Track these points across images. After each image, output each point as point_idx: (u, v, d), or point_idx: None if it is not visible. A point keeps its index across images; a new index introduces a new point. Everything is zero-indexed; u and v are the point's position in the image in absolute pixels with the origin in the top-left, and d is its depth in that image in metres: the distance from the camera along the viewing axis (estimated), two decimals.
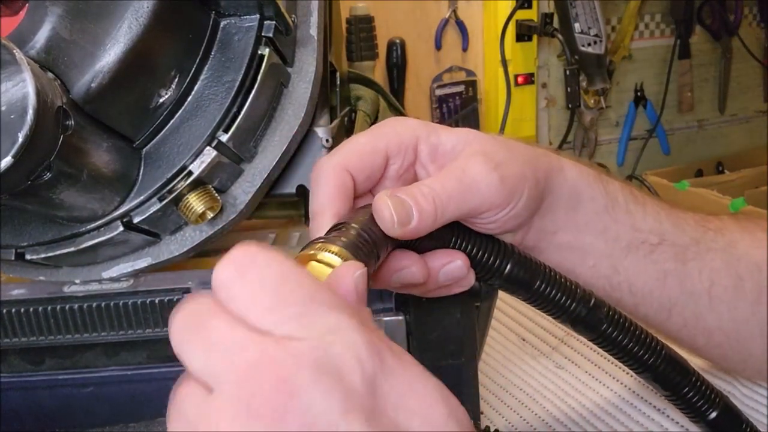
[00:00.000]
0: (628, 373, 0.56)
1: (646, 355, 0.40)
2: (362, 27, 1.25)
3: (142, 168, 0.42)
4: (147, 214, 0.42)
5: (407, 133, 0.39)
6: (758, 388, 0.52)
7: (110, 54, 0.38)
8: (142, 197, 0.42)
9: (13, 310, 0.41)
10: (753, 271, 0.45)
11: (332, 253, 0.30)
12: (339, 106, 0.56)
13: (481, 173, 0.37)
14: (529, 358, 0.60)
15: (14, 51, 0.33)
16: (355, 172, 0.38)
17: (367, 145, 0.39)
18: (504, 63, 1.34)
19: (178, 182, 0.42)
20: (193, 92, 0.43)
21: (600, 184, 0.43)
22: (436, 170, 0.39)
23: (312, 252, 0.31)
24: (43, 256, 0.43)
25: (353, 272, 0.28)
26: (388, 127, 0.40)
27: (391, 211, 0.34)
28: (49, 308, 0.41)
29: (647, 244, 0.44)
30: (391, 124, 0.40)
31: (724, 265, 0.45)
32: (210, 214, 0.42)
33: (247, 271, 0.25)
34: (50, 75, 0.36)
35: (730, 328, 0.45)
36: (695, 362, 0.47)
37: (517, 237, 0.41)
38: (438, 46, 1.39)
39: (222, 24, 0.43)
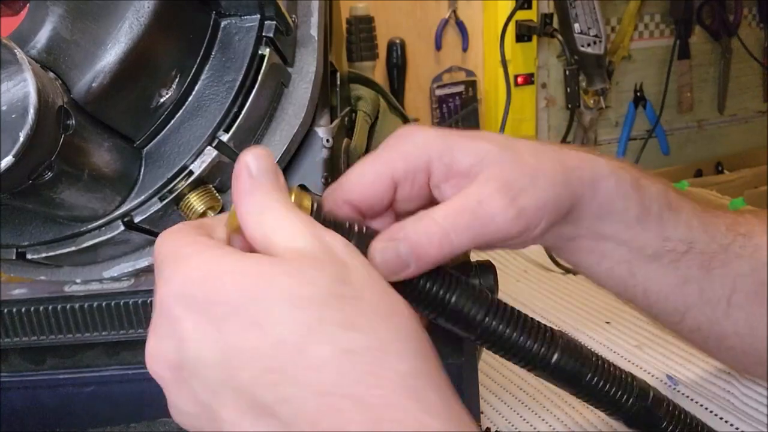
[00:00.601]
0: None
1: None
2: (362, 27, 1.25)
3: (142, 168, 0.42)
4: (148, 214, 0.42)
5: (416, 153, 0.37)
6: (758, 387, 0.52)
7: (111, 54, 0.38)
8: (142, 197, 0.42)
9: (14, 309, 0.42)
10: None
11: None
12: (339, 106, 0.56)
13: (499, 207, 0.35)
14: None
15: (15, 51, 0.33)
16: (359, 203, 0.37)
17: (368, 175, 0.37)
18: (504, 63, 1.34)
19: (179, 182, 0.42)
20: (193, 92, 0.43)
21: (636, 193, 0.40)
22: (450, 189, 0.37)
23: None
24: (44, 255, 0.43)
25: (246, 155, 0.32)
26: (395, 151, 0.37)
27: (382, 262, 0.33)
28: (50, 308, 0.41)
29: (674, 253, 0.42)
30: (400, 144, 0.38)
31: (750, 271, 0.43)
32: (211, 214, 0.42)
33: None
34: (51, 75, 0.36)
35: (745, 333, 0.44)
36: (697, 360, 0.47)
37: (544, 235, 0.39)
38: (438, 46, 1.39)
39: (223, 24, 0.44)
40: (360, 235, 0.34)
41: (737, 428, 0.48)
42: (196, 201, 0.41)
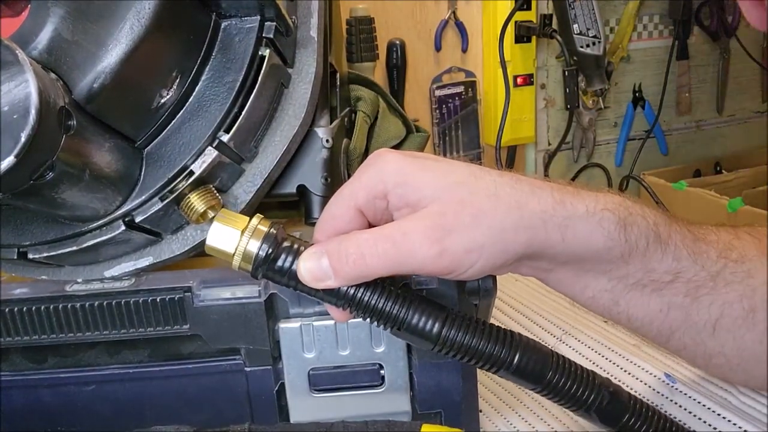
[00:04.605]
0: (627, 372, 0.56)
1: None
2: (362, 28, 1.25)
3: (143, 168, 0.42)
4: (148, 214, 0.42)
5: (374, 183, 0.38)
6: (758, 396, 0.52)
7: (112, 55, 0.38)
8: (143, 197, 0.42)
9: (16, 309, 0.42)
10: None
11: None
12: (339, 107, 0.57)
13: (420, 243, 0.36)
14: None
15: (17, 51, 0.33)
16: (334, 233, 0.39)
17: (337, 206, 0.39)
18: (503, 64, 1.34)
19: (180, 182, 0.42)
20: (194, 93, 0.43)
21: (621, 233, 0.39)
22: (401, 217, 0.38)
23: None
24: (45, 255, 0.43)
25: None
26: (358, 180, 0.39)
27: (305, 269, 0.37)
28: (52, 307, 0.42)
29: (658, 282, 0.41)
30: (365, 172, 0.39)
31: (739, 298, 0.42)
32: (211, 214, 0.42)
33: None
34: (52, 75, 0.36)
35: (732, 354, 0.44)
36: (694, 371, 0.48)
37: (504, 270, 0.40)
38: (438, 47, 1.39)
39: (223, 25, 0.44)
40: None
41: (736, 425, 0.48)
42: (196, 201, 0.42)
